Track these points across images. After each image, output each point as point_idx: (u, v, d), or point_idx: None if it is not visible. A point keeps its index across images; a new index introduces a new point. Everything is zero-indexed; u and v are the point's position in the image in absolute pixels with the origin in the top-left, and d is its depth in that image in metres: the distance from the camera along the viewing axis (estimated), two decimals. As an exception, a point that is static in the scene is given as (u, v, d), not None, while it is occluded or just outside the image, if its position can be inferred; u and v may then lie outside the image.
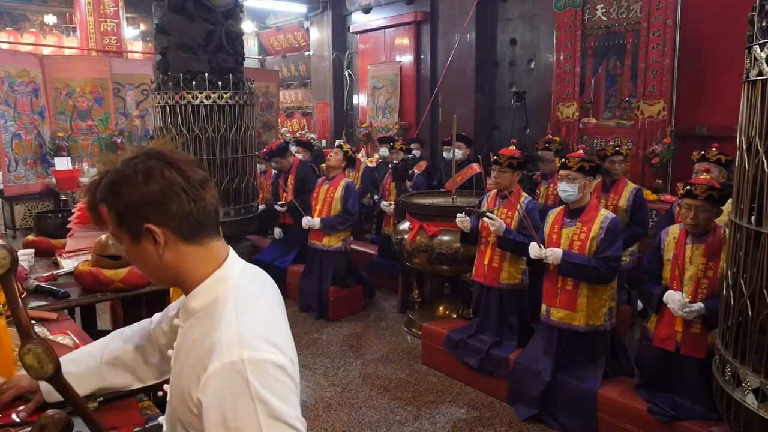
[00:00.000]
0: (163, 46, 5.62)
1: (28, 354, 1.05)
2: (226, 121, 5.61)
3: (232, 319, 0.98)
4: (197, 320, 1.04)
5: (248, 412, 0.91)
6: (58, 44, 10.26)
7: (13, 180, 6.70)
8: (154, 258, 1.02)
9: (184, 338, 1.06)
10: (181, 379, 1.02)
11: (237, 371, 0.92)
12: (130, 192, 0.98)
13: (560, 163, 3.17)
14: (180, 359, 1.05)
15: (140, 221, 0.98)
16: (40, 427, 1.25)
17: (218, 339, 0.96)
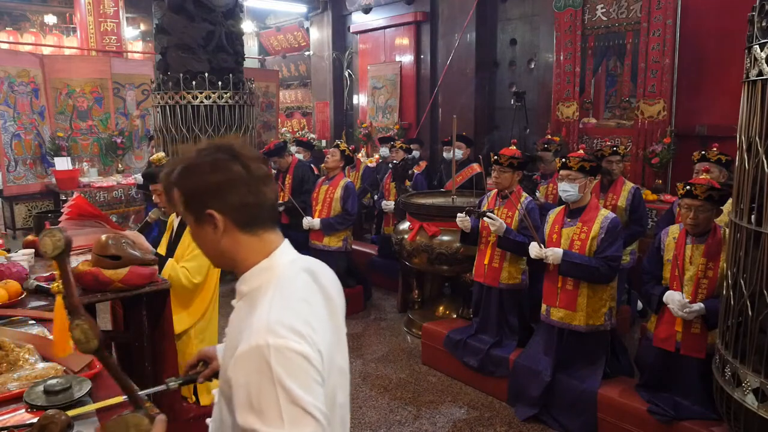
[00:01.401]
0: (163, 46, 5.62)
1: (76, 329, 1.12)
2: (226, 121, 5.62)
3: (266, 307, 1.04)
4: (243, 303, 1.14)
5: (270, 396, 0.96)
6: (58, 44, 10.26)
7: (12, 180, 6.70)
8: (213, 242, 1.12)
9: (234, 318, 1.16)
10: (224, 356, 1.13)
11: (262, 355, 0.97)
12: (198, 179, 1.08)
13: (561, 163, 3.17)
14: (226, 338, 1.17)
15: (203, 206, 1.08)
16: (40, 427, 1.25)
17: (251, 323, 1.03)
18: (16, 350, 1.64)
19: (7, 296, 2.11)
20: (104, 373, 1.62)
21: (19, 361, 1.62)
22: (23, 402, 1.43)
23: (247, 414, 0.97)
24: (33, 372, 1.56)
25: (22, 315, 2.03)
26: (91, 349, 1.14)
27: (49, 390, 1.43)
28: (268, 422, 0.96)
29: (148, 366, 2.51)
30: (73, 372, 1.59)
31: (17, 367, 1.59)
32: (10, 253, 2.70)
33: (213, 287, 3.00)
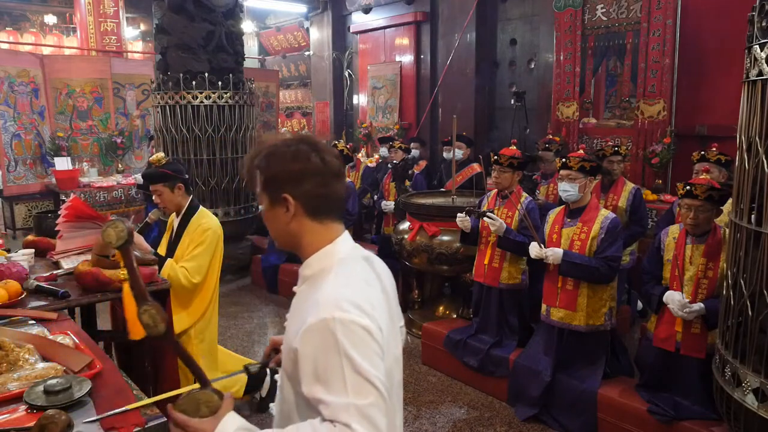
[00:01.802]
0: (163, 46, 5.62)
1: (144, 314, 1.19)
2: (226, 121, 5.62)
3: (330, 285, 1.14)
4: (306, 286, 1.22)
5: (335, 366, 1.04)
6: (58, 44, 10.26)
7: (12, 180, 6.70)
8: (282, 223, 1.21)
9: (296, 301, 1.25)
10: (288, 336, 1.21)
11: (328, 328, 1.05)
12: (279, 165, 1.18)
13: (561, 163, 3.17)
14: (290, 320, 1.24)
15: (280, 190, 1.18)
16: (40, 427, 1.25)
17: (316, 299, 1.11)
18: (16, 350, 1.64)
19: (7, 296, 2.11)
20: (104, 373, 1.62)
21: (19, 361, 1.61)
22: (23, 402, 1.43)
23: (313, 384, 1.06)
24: (33, 372, 1.56)
25: (22, 315, 2.02)
26: (159, 332, 1.20)
27: (49, 390, 1.43)
28: (333, 391, 1.03)
29: (148, 366, 2.51)
30: (73, 372, 1.59)
31: (17, 367, 1.59)
32: (10, 253, 2.70)
33: (213, 287, 3.00)
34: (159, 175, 2.97)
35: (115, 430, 1.36)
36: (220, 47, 5.62)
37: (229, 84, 5.56)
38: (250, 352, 4.18)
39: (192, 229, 2.95)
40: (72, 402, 1.42)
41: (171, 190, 2.97)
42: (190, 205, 3.04)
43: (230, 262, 5.56)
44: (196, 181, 5.50)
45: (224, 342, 4.05)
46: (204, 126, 5.52)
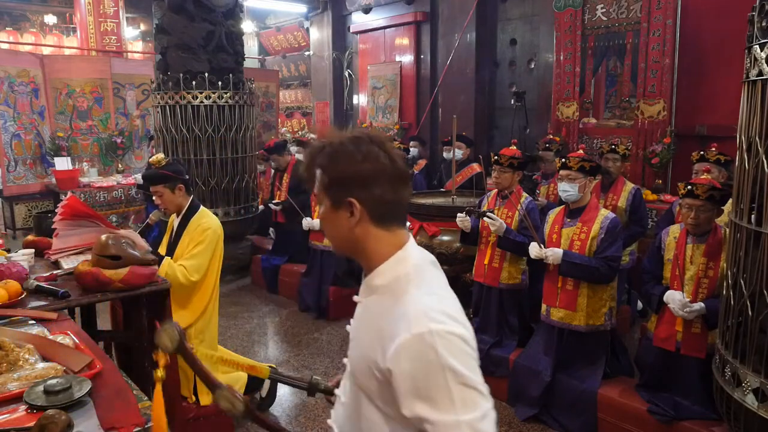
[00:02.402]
0: (163, 46, 5.62)
1: (221, 400, 1.22)
2: (226, 121, 5.62)
3: (416, 295, 1.07)
4: (379, 296, 1.14)
5: (439, 381, 0.98)
6: (58, 44, 10.26)
7: (12, 180, 6.70)
8: (344, 228, 1.12)
9: (364, 312, 1.18)
10: (361, 350, 1.15)
11: (426, 342, 0.99)
12: (347, 165, 1.09)
13: (560, 163, 3.17)
14: (361, 332, 1.18)
15: (346, 193, 1.09)
16: (40, 427, 1.25)
17: (404, 313, 1.04)
18: (16, 350, 1.64)
19: (7, 296, 2.10)
20: (104, 373, 1.62)
21: (19, 361, 1.61)
22: (23, 402, 1.43)
23: (415, 403, 1.00)
24: (33, 372, 1.56)
25: (22, 315, 2.02)
26: (239, 411, 1.23)
27: (49, 390, 1.43)
28: (440, 407, 0.98)
29: (148, 366, 2.51)
30: (73, 372, 1.59)
31: (17, 367, 1.59)
32: (10, 253, 2.70)
33: (212, 287, 3.00)
34: (159, 177, 2.96)
35: (115, 430, 1.36)
36: (220, 47, 5.62)
37: (229, 84, 5.56)
38: (250, 352, 4.18)
39: (192, 229, 2.95)
40: (72, 402, 1.42)
41: (172, 191, 2.97)
42: (191, 205, 3.04)
43: (230, 262, 5.56)
44: (196, 181, 5.50)
45: (224, 342, 4.06)
46: (204, 126, 5.52)
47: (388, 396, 1.06)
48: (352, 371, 1.18)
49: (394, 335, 1.02)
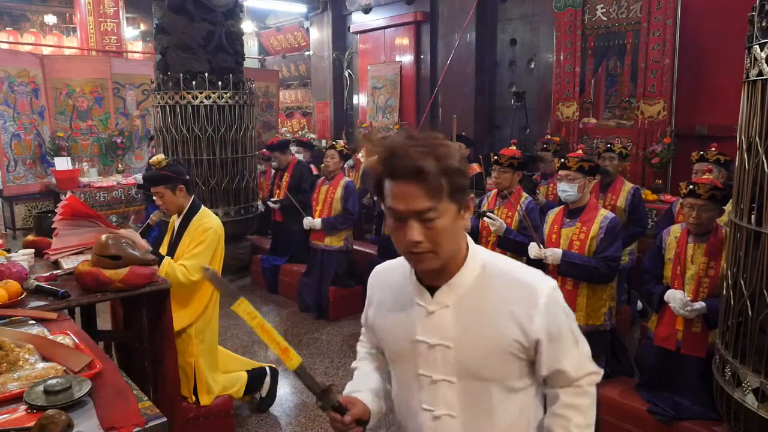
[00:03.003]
0: (163, 46, 5.62)
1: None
2: (226, 121, 5.62)
3: (514, 268, 1.21)
4: (477, 287, 1.19)
5: (566, 325, 1.21)
6: (58, 44, 10.25)
7: (12, 180, 6.70)
8: (461, 232, 1.17)
9: (463, 312, 1.19)
10: (486, 345, 1.18)
11: (554, 298, 1.18)
12: (466, 168, 1.13)
13: (560, 163, 3.17)
14: (473, 331, 1.18)
15: (467, 195, 1.13)
16: (40, 427, 1.25)
17: (523, 285, 1.18)
18: (16, 350, 1.64)
19: (7, 296, 2.10)
20: (104, 373, 1.62)
21: (19, 361, 1.61)
22: (23, 402, 1.43)
23: (554, 356, 1.19)
24: (33, 372, 1.55)
25: (22, 315, 2.02)
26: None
27: (49, 390, 1.43)
28: (571, 349, 1.22)
29: (148, 366, 2.51)
30: (73, 372, 1.59)
31: (17, 367, 1.59)
32: (10, 253, 2.70)
33: (212, 287, 3.00)
34: (160, 178, 2.95)
35: (115, 430, 1.36)
36: (220, 47, 5.62)
37: (229, 84, 5.56)
38: (250, 352, 4.18)
39: (193, 229, 2.95)
40: (72, 402, 1.42)
41: (173, 192, 2.97)
42: (192, 205, 3.03)
43: (230, 262, 5.56)
44: (196, 181, 5.50)
45: (224, 342, 4.06)
46: (204, 126, 5.52)
47: (525, 369, 1.21)
48: (473, 373, 1.20)
49: (531, 307, 1.15)
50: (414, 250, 1.11)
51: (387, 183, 1.11)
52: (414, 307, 1.23)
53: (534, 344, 1.17)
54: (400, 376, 1.33)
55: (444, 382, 1.22)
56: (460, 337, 1.19)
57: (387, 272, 1.36)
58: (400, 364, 1.31)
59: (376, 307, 1.35)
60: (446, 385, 1.22)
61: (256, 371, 3.34)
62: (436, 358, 1.21)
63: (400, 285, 1.29)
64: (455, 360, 1.20)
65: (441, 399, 1.23)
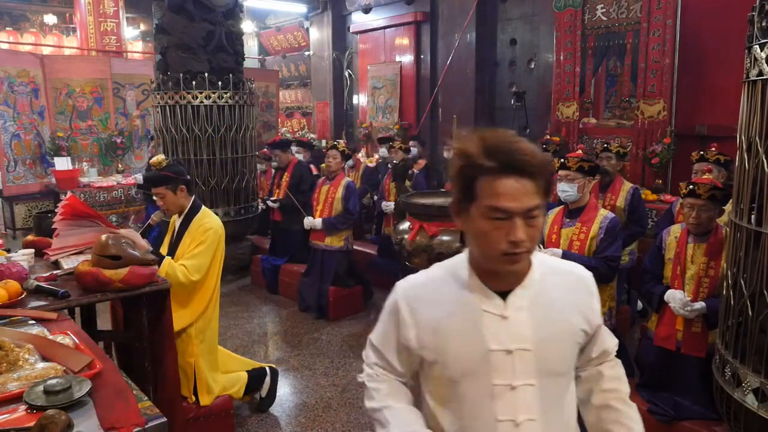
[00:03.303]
0: (163, 46, 5.62)
1: None
2: (226, 121, 5.62)
3: (558, 261, 1.29)
4: (541, 284, 1.20)
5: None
6: (58, 44, 10.26)
7: (12, 180, 6.70)
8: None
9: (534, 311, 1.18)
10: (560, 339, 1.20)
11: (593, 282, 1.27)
12: None
13: (559, 163, 3.17)
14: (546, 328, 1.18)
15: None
16: (40, 427, 1.25)
17: (575, 275, 1.25)
18: (16, 350, 1.64)
19: (7, 296, 2.10)
20: (104, 373, 1.62)
21: (19, 361, 1.61)
22: (23, 402, 1.43)
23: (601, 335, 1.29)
24: (33, 372, 1.55)
25: (22, 315, 2.02)
26: None
27: (49, 390, 1.43)
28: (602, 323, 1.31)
29: (148, 366, 2.51)
30: (73, 372, 1.59)
31: (17, 367, 1.59)
32: (10, 253, 2.70)
33: (213, 287, 3.00)
34: (161, 178, 2.95)
35: (115, 430, 1.36)
36: (220, 47, 5.62)
37: (229, 84, 5.56)
38: (250, 352, 4.18)
39: (194, 229, 2.94)
40: (72, 402, 1.42)
41: (174, 193, 2.96)
42: (193, 205, 3.03)
43: (230, 262, 5.56)
44: (196, 181, 5.50)
45: (224, 342, 4.06)
46: (204, 126, 5.52)
47: (579, 356, 1.26)
48: (550, 370, 1.19)
49: (588, 295, 1.24)
50: (515, 251, 1.07)
51: (491, 180, 1.06)
52: (482, 316, 1.17)
53: (595, 330, 1.25)
54: (467, 393, 1.20)
55: (525, 387, 1.17)
56: (538, 337, 1.17)
57: (426, 287, 1.26)
58: (468, 381, 1.19)
59: (423, 327, 1.22)
60: (527, 390, 1.17)
61: (256, 371, 3.34)
62: (515, 364, 1.16)
63: (454, 297, 1.20)
64: (535, 361, 1.17)
65: (522, 405, 1.18)
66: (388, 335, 1.29)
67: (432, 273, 1.28)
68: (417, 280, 1.29)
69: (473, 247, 1.17)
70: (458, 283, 1.21)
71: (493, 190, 1.06)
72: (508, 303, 1.17)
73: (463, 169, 1.10)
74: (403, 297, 1.26)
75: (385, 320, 1.30)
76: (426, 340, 1.21)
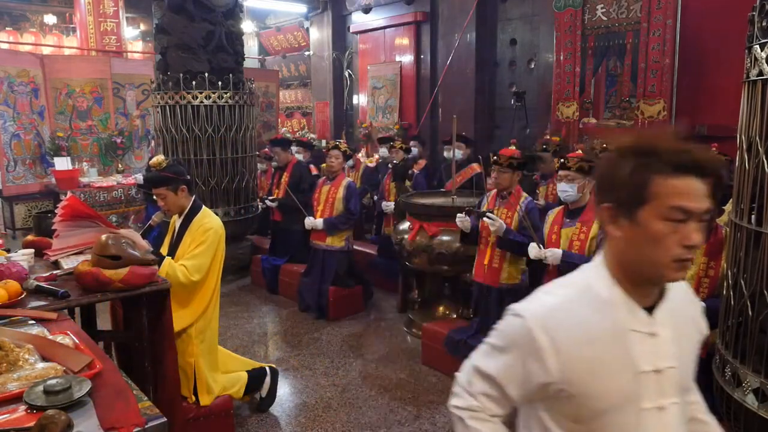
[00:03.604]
0: (163, 46, 5.62)
1: None
2: (226, 121, 5.62)
3: None
4: (671, 299, 1.14)
5: None
6: (58, 44, 10.25)
7: (12, 180, 6.70)
8: None
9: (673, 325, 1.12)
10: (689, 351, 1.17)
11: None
12: None
13: (559, 163, 3.17)
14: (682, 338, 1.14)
15: None
16: (40, 427, 1.25)
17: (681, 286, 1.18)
18: (16, 350, 1.64)
19: (7, 296, 2.10)
20: (104, 373, 1.62)
21: (19, 361, 1.61)
22: (23, 402, 1.43)
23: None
24: (33, 372, 1.55)
25: (22, 315, 2.02)
26: None
27: (49, 390, 1.43)
28: None
29: (148, 366, 2.51)
30: (73, 372, 1.59)
31: (17, 367, 1.59)
32: (10, 253, 2.70)
33: (213, 287, 3.00)
34: (161, 179, 2.95)
35: (115, 430, 1.36)
36: (220, 47, 5.63)
37: (229, 84, 5.56)
38: (250, 352, 4.18)
39: (194, 229, 2.94)
40: (72, 402, 1.42)
41: (174, 193, 2.96)
42: (193, 205, 3.03)
43: (230, 262, 5.56)
44: (196, 181, 5.50)
45: (224, 342, 4.06)
46: (204, 126, 5.52)
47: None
48: (686, 385, 1.18)
49: (696, 304, 1.22)
50: (688, 256, 1.01)
51: (673, 179, 1.01)
52: (629, 336, 1.07)
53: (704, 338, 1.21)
54: (611, 422, 1.09)
55: (672, 406, 1.11)
56: (679, 352, 1.12)
57: (563, 310, 1.10)
58: (614, 410, 1.08)
59: (566, 357, 1.06)
60: (673, 408, 1.12)
61: (256, 371, 3.34)
62: (663, 384, 1.09)
63: (596, 318, 1.08)
64: (678, 377, 1.12)
65: (670, 425, 1.12)
66: (514, 367, 1.11)
67: (563, 293, 1.14)
68: (550, 303, 1.12)
69: (633, 255, 1.06)
70: (598, 301, 1.09)
71: (677, 190, 1.00)
72: (656, 318, 1.09)
73: (638, 168, 1.01)
74: (538, 323, 1.08)
75: (510, 349, 1.12)
76: (569, 371, 1.06)
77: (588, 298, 1.10)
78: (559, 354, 1.06)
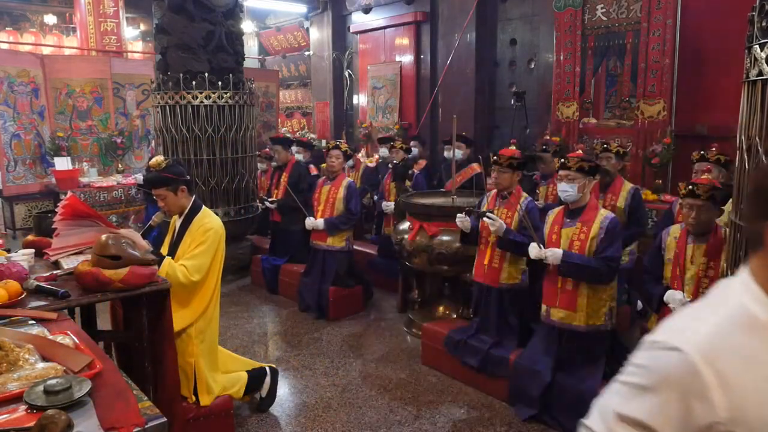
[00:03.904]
0: (163, 46, 5.62)
1: None
2: (226, 121, 5.62)
3: None
4: None
5: None
6: (58, 44, 10.25)
7: (12, 180, 6.70)
8: None
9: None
10: None
11: None
12: None
13: (560, 163, 3.17)
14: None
15: None
16: (40, 427, 1.25)
17: None
18: (16, 350, 1.64)
19: (7, 296, 2.10)
20: (104, 373, 1.62)
21: (19, 361, 1.61)
22: (23, 402, 1.43)
23: None
24: (33, 372, 1.56)
25: (22, 315, 2.02)
26: None
27: (49, 390, 1.43)
28: None
29: (148, 366, 2.51)
30: (73, 372, 1.59)
31: (17, 367, 1.59)
32: (10, 253, 2.70)
33: (213, 287, 3.00)
34: (161, 180, 2.95)
35: (115, 430, 1.36)
36: (220, 47, 5.63)
37: (229, 84, 5.56)
38: (250, 352, 4.18)
39: (194, 229, 2.94)
40: (72, 402, 1.42)
41: (175, 193, 2.96)
42: (193, 205, 3.03)
43: (230, 262, 5.56)
44: (196, 181, 5.51)
45: (224, 342, 4.06)
46: (204, 126, 5.52)
47: None
48: None
49: None
50: None
51: None
52: None
53: None
54: None
55: None
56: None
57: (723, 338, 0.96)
58: None
59: (735, 393, 0.93)
60: None
61: (256, 371, 3.34)
62: None
63: (757, 344, 0.96)
64: None
65: None
66: (670, 409, 0.96)
67: (715, 320, 0.99)
68: (706, 331, 0.97)
69: None
70: (757, 325, 0.96)
71: None
72: None
73: None
74: (701, 356, 0.93)
75: (663, 389, 0.97)
76: (738, 408, 0.92)
77: (742, 321, 0.96)
78: (726, 390, 0.92)
